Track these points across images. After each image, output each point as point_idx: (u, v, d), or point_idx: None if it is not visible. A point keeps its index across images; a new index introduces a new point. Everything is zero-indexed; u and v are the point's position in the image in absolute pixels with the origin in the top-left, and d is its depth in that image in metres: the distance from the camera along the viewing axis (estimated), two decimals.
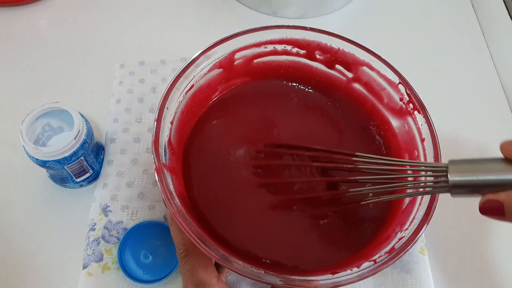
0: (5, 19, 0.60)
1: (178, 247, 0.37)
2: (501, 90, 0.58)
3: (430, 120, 0.40)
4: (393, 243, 0.36)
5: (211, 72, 0.44)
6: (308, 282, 0.33)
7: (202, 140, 0.44)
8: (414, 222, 0.36)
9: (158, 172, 0.35)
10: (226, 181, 0.42)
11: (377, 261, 0.35)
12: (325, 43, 0.44)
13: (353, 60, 0.44)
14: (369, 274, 0.34)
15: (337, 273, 0.35)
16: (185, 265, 0.36)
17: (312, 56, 0.46)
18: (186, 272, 0.36)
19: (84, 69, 0.57)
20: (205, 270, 0.36)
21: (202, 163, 0.43)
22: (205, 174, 0.42)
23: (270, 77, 0.48)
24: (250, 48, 0.44)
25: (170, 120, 0.40)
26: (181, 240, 0.37)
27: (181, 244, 0.37)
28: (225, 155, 0.43)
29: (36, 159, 0.41)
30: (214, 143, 0.44)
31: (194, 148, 0.43)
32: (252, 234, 0.40)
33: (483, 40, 0.62)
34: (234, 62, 0.45)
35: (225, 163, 0.43)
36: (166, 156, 0.38)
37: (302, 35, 0.45)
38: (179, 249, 0.37)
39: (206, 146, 0.44)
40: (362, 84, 0.45)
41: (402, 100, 0.43)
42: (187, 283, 0.36)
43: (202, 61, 0.42)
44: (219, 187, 0.42)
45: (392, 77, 0.43)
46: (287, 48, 0.45)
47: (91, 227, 0.45)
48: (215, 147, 0.44)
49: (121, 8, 0.62)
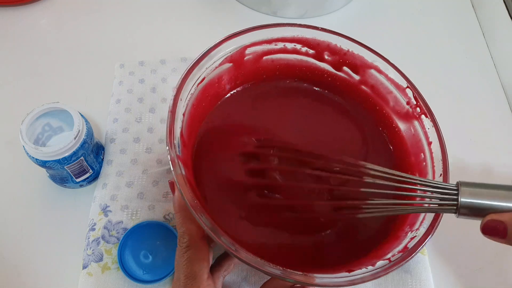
0: (5, 19, 0.60)
1: (182, 236, 0.37)
2: (501, 90, 0.58)
3: (437, 125, 0.40)
4: (404, 242, 0.36)
5: (222, 66, 0.43)
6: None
7: (211, 136, 0.44)
8: (425, 222, 0.37)
9: (173, 162, 0.35)
10: (232, 181, 0.42)
11: (391, 260, 0.35)
12: (335, 44, 0.44)
13: (361, 62, 0.44)
14: (383, 273, 0.34)
15: (353, 271, 0.35)
16: (184, 254, 0.36)
17: (320, 57, 0.46)
18: (182, 262, 0.36)
19: (84, 69, 0.57)
20: (200, 264, 0.36)
21: (210, 160, 0.43)
22: (212, 172, 0.42)
23: (278, 75, 0.48)
24: (261, 44, 0.44)
25: (182, 112, 0.39)
26: (186, 230, 0.36)
27: (185, 234, 0.36)
28: (232, 154, 0.43)
29: (36, 159, 0.41)
30: (223, 140, 0.44)
31: (204, 144, 0.43)
32: (261, 237, 0.40)
33: (483, 40, 0.62)
34: (244, 57, 0.44)
35: (231, 162, 0.43)
36: (179, 148, 0.38)
37: (312, 35, 0.45)
38: (182, 238, 0.36)
39: (214, 142, 0.43)
40: (368, 86, 0.45)
41: (409, 104, 0.43)
42: (179, 274, 0.36)
43: (215, 54, 0.42)
44: (225, 186, 0.42)
45: (400, 81, 0.43)
46: (297, 47, 0.45)
47: (91, 227, 0.45)
48: (223, 144, 0.44)
49: (121, 8, 0.62)
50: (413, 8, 0.65)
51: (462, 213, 0.33)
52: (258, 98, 0.47)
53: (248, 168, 0.42)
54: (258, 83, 0.47)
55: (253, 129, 0.45)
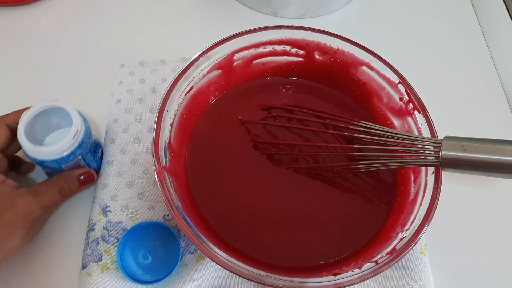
0: (5, 19, 0.60)
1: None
2: (501, 90, 0.58)
3: (430, 120, 0.40)
4: (394, 243, 0.36)
5: (211, 74, 0.44)
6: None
7: (204, 142, 0.44)
8: (415, 223, 0.37)
9: (158, 174, 0.35)
10: (227, 182, 0.42)
11: (378, 262, 0.35)
12: (324, 43, 0.45)
13: (352, 60, 0.44)
14: (370, 275, 0.34)
15: (339, 274, 0.35)
16: None
17: (311, 57, 0.46)
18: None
19: (84, 69, 0.57)
20: None
21: (204, 165, 0.43)
22: (206, 177, 0.42)
23: (269, 77, 0.48)
24: (249, 49, 0.45)
25: (170, 123, 0.40)
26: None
27: None
28: (226, 157, 0.44)
29: (34, 158, 0.41)
30: (215, 145, 0.44)
31: (196, 150, 0.44)
32: (252, 236, 0.40)
33: (483, 40, 0.62)
34: (233, 63, 0.45)
35: (226, 164, 0.43)
36: (166, 159, 0.38)
37: (301, 35, 0.45)
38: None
39: (207, 148, 0.44)
40: (361, 83, 0.45)
41: (402, 100, 0.43)
42: None
43: (202, 62, 0.42)
44: (220, 189, 0.42)
45: (392, 76, 0.43)
46: (286, 48, 0.46)
47: (91, 227, 0.45)
48: (216, 149, 0.44)
49: (121, 8, 0.62)
50: (413, 8, 0.65)
51: (446, 166, 0.33)
52: (250, 101, 0.47)
53: (241, 169, 0.43)
54: (249, 86, 0.48)
55: (247, 133, 0.45)
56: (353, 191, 0.43)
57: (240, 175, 0.43)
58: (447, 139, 0.34)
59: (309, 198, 0.42)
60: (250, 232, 0.40)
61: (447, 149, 0.33)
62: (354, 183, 0.43)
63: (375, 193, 0.43)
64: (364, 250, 0.39)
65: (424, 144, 0.36)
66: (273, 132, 0.45)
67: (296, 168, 0.43)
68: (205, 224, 0.40)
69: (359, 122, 0.40)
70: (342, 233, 0.40)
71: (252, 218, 0.41)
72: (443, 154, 0.33)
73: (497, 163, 0.31)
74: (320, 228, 0.40)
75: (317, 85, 0.48)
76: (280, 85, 0.48)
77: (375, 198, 0.42)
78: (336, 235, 0.40)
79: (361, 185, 0.43)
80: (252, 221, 0.40)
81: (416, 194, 0.39)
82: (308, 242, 0.40)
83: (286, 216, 0.41)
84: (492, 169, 0.32)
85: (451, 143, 0.33)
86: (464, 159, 0.33)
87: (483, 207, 0.49)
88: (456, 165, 0.33)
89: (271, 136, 0.44)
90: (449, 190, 0.42)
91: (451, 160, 0.33)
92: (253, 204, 0.41)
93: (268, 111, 0.46)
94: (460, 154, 0.33)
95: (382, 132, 0.38)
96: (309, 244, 0.40)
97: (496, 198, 0.49)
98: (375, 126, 0.39)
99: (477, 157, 0.32)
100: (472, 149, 0.32)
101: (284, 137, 0.44)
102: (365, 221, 0.41)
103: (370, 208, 0.42)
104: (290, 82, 0.48)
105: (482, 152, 0.32)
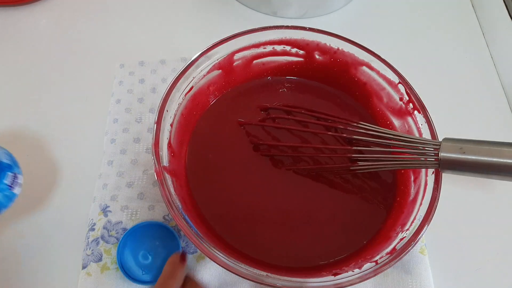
0: (5, 19, 0.60)
1: None
2: (501, 90, 0.58)
3: (430, 120, 0.40)
4: (394, 243, 0.36)
5: (211, 74, 0.44)
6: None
7: (204, 142, 0.44)
8: (415, 223, 0.37)
9: (158, 174, 0.35)
10: (227, 183, 0.42)
11: (378, 262, 0.35)
12: (324, 43, 0.45)
13: (352, 60, 0.44)
14: (370, 276, 0.34)
15: (339, 274, 0.35)
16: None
17: (311, 57, 0.46)
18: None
19: (84, 69, 0.56)
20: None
21: (204, 165, 0.43)
22: (206, 177, 0.42)
23: (269, 77, 0.48)
24: (249, 49, 0.45)
25: (170, 123, 0.40)
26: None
27: None
28: (226, 157, 0.44)
29: None
30: (215, 145, 0.44)
31: (196, 150, 0.44)
32: (252, 236, 0.40)
33: (483, 40, 0.62)
34: (233, 63, 0.45)
35: (226, 165, 0.43)
36: (166, 159, 0.38)
37: (301, 35, 0.45)
38: None
39: (207, 148, 0.44)
40: (361, 84, 0.45)
41: (402, 100, 0.43)
42: None
43: (202, 62, 0.42)
44: (220, 189, 0.42)
45: (392, 76, 0.43)
46: (286, 48, 0.46)
47: (91, 227, 0.45)
48: (216, 149, 0.44)
49: (121, 8, 0.62)
50: (413, 8, 0.65)
51: (444, 168, 0.33)
52: (250, 101, 0.47)
53: (241, 169, 0.43)
54: (249, 86, 0.48)
55: (247, 133, 0.45)
56: (353, 191, 0.43)
57: (240, 175, 0.43)
58: (446, 141, 0.34)
59: (309, 198, 0.42)
60: (250, 232, 0.40)
61: (446, 151, 0.33)
62: (354, 183, 0.43)
63: (375, 193, 0.43)
64: (364, 250, 0.39)
65: (423, 146, 0.36)
66: (273, 133, 0.45)
67: (296, 169, 0.43)
68: (205, 224, 0.40)
69: (358, 123, 0.40)
70: (342, 233, 0.40)
71: (252, 218, 0.41)
72: (442, 156, 0.33)
73: (496, 166, 0.31)
74: (320, 228, 0.40)
75: (317, 84, 0.48)
76: (280, 85, 0.48)
77: (375, 198, 0.42)
78: (336, 235, 0.40)
79: (361, 185, 0.43)
80: (252, 221, 0.40)
81: (416, 194, 0.39)
82: (308, 242, 0.40)
83: (286, 216, 0.41)
84: (491, 172, 0.32)
85: (450, 145, 0.33)
86: (463, 161, 0.33)
87: (483, 207, 0.49)
88: (455, 167, 0.33)
89: (270, 137, 0.44)
90: (449, 190, 0.42)
91: (450, 162, 0.33)
92: (253, 204, 0.41)
93: (267, 112, 0.46)
94: (459, 156, 0.33)
95: (381, 134, 0.38)
96: (309, 244, 0.40)
97: (496, 198, 0.49)
98: (375, 127, 0.39)
99: (476, 159, 0.32)
100: (471, 151, 0.32)
101: (284, 138, 0.44)
102: (365, 221, 0.41)
103: (370, 208, 0.42)
104: (290, 82, 0.48)
105: (481, 154, 0.32)
